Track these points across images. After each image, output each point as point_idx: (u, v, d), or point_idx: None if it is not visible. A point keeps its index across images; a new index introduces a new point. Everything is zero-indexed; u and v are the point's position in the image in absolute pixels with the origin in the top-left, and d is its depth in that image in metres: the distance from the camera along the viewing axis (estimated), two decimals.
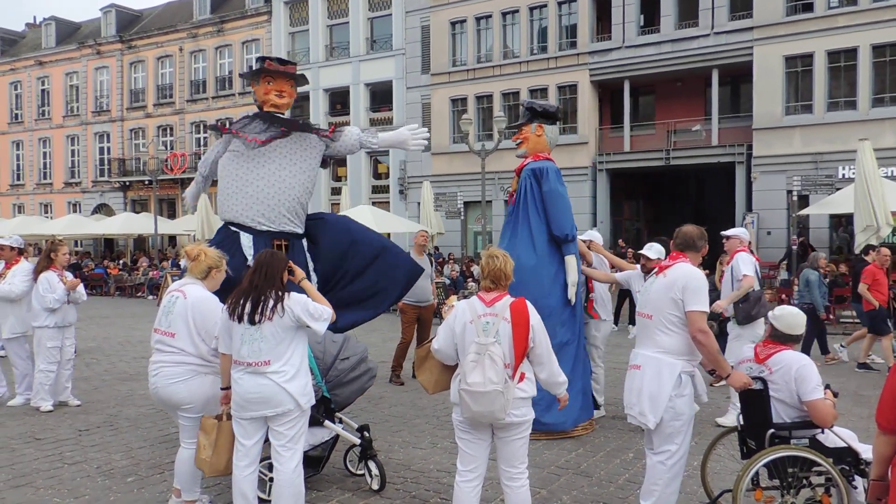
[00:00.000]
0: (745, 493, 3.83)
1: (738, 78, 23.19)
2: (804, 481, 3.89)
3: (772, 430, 3.90)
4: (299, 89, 5.84)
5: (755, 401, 3.98)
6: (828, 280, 15.07)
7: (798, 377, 3.86)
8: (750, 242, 7.46)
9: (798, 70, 21.37)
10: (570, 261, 6.38)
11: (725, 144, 22.79)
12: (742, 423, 4.18)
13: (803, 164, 20.71)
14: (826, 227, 21.02)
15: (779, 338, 4.10)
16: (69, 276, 7.55)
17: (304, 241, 5.46)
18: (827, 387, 3.99)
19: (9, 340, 7.64)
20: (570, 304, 6.38)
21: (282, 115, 5.49)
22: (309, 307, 3.94)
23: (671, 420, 3.88)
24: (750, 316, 6.71)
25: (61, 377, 7.44)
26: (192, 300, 4.31)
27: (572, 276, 6.35)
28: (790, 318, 4.09)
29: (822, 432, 3.91)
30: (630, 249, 18.58)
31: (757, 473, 3.88)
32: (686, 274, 3.92)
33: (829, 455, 3.85)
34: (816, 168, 20.45)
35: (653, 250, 6.45)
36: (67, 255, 7.70)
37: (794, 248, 18.27)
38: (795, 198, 18.86)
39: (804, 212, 18.60)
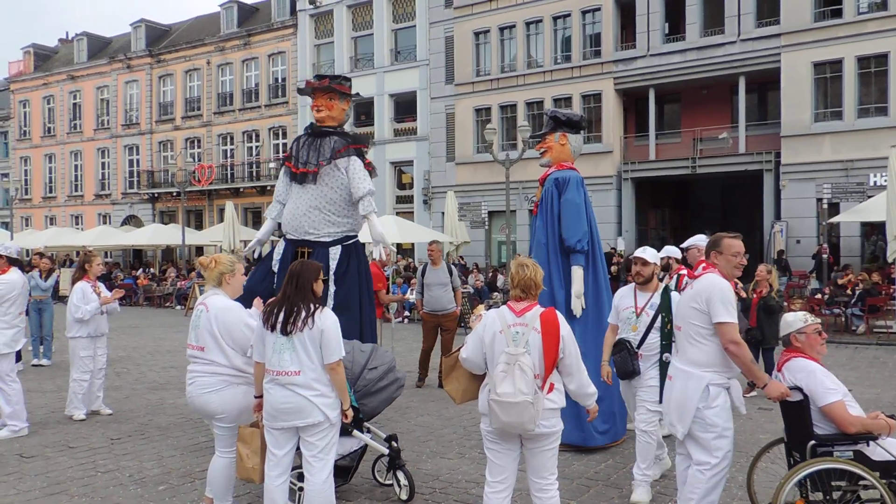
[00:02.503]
0: None
1: (766, 85, 22.92)
2: (848, 495, 3.79)
3: (813, 442, 3.82)
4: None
5: (795, 412, 3.91)
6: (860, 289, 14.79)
7: (805, 385, 3.82)
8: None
9: (827, 76, 21.06)
10: (576, 272, 6.27)
11: (753, 152, 22.51)
12: (786, 435, 4.12)
13: (833, 172, 20.37)
14: (857, 235, 20.64)
15: (785, 343, 4.16)
16: (102, 286, 7.67)
17: (335, 251, 5.84)
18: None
19: None
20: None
21: (329, 130, 6.13)
22: (335, 334, 3.93)
23: (701, 432, 3.85)
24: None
25: (93, 386, 7.53)
26: (213, 311, 4.35)
27: (576, 287, 6.24)
28: (782, 320, 4.16)
29: (868, 445, 3.80)
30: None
31: (801, 485, 3.80)
32: (710, 285, 3.88)
33: (874, 468, 3.74)
34: (847, 175, 20.11)
35: (647, 253, 5.27)
36: (101, 266, 7.84)
37: (825, 256, 17.95)
38: (825, 206, 18.56)
39: (834, 220, 18.29)
